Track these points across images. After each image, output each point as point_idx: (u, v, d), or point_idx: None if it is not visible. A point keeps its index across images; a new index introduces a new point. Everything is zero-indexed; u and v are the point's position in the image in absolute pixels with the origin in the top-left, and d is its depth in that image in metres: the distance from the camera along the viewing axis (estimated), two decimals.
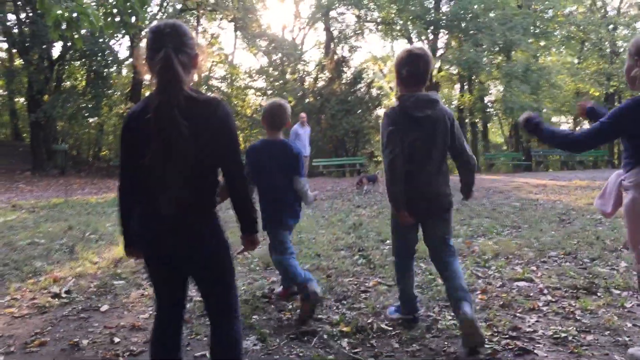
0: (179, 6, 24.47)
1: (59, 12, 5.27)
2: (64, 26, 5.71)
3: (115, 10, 5.87)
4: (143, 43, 2.36)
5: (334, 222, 8.01)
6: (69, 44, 19.68)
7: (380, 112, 35.81)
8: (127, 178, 2.36)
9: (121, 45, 50.82)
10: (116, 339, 3.50)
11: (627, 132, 2.80)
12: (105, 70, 22.47)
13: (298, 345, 3.36)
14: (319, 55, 30.33)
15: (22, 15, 20.82)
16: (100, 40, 20.95)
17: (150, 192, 2.25)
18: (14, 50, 22.65)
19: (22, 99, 25.82)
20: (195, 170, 2.23)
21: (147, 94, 2.40)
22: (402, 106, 3.34)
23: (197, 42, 2.37)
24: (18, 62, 23.09)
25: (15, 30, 20.57)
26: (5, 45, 24.59)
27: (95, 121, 25.68)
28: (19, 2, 20.33)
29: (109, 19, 5.95)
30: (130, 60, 24.75)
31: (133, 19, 6.21)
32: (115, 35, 21.98)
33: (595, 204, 3.17)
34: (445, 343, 3.33)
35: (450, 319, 3.72)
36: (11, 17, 21.05)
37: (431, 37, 25.80)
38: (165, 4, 24.03)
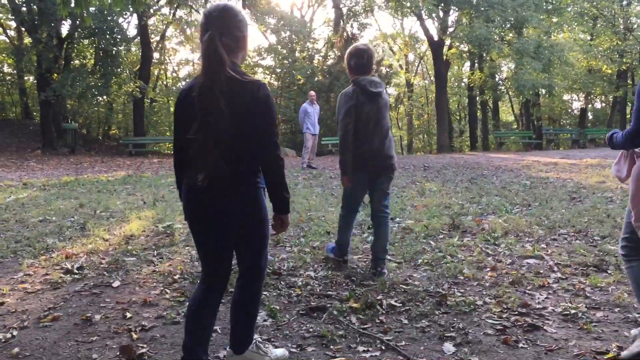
0: None
1: None
2: (72, 3, 5.70)
3: None
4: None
5: None
6: (78, 21, 19.62)
7: (390, 90, 35.57)
8: (177, 153, 2.53)
9: (130, 24, 50.74)
10: (128, 314, 3.54)
11: None
12: (114, 48, 22.38)
13: (308, 321, 3.38)
14: (328, 32, 30.08)
15: None
16: (109, 18, 20.86)
17: (190, 169, 2.38)
18: (23, 29, 22.59)
19: (31, 78, 25.84)
20: (231, 149, 2.32)
21: (157, 72, 2.48)
22: (360, 85, 4.18)
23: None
24: (27, 40, 23.02)
25: (24, 8, 20.47)
26: (13, 24, 24.55)
27: (104, 100, 25.71)
28: None
29: None
30: (139, 38, 24.69)
31: None
32: (124, 12, 21.89)
33: (612, 170, 3.20)
34: (455, 319, 3.34)
35: (459, 295, 3.74)
36: None
37: (442, 14, 25.47)
38: None
